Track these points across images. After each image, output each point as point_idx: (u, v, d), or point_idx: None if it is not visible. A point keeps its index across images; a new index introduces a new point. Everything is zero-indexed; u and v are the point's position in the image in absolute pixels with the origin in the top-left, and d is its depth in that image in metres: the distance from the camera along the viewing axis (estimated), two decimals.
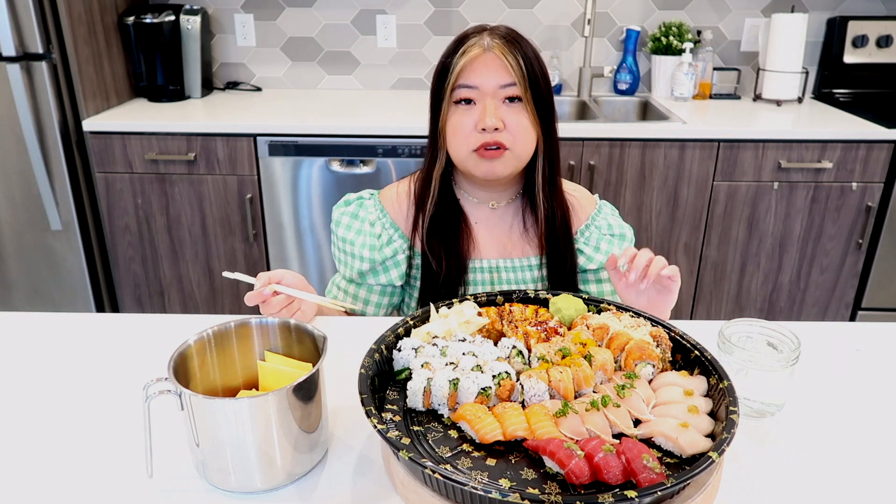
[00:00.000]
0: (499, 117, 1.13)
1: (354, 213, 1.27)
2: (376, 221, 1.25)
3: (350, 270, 1.26)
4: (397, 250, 1.24)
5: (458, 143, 1.16)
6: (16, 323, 1.18)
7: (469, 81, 1.13)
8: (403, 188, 1.28)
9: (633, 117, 2.87)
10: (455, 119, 1.16)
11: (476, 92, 1.14)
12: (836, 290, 2.54)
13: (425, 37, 2.89)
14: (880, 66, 2.79)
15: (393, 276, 1.25)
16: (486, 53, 1.13)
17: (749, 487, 0.79)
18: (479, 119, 1.13)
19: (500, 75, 1.13)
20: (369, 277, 1.26)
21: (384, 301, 1.29)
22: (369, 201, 1.28)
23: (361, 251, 1.23)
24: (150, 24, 2.54)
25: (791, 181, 2.37)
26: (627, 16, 2.85)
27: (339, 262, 1.29)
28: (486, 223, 1.27)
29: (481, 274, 1.25)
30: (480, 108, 1.14)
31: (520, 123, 1.14)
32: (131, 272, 2.56)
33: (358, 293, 1.28)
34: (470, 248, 1.24)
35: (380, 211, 1.27)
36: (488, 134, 1.13)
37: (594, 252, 1.27)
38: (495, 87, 1.13)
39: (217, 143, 2.35)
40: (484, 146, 1.14)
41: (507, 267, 1.26)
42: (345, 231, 1.26)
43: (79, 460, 0.83)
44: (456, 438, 0.80)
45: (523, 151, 1.17)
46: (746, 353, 0.89)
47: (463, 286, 1.23)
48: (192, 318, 1.18)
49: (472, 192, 1.27)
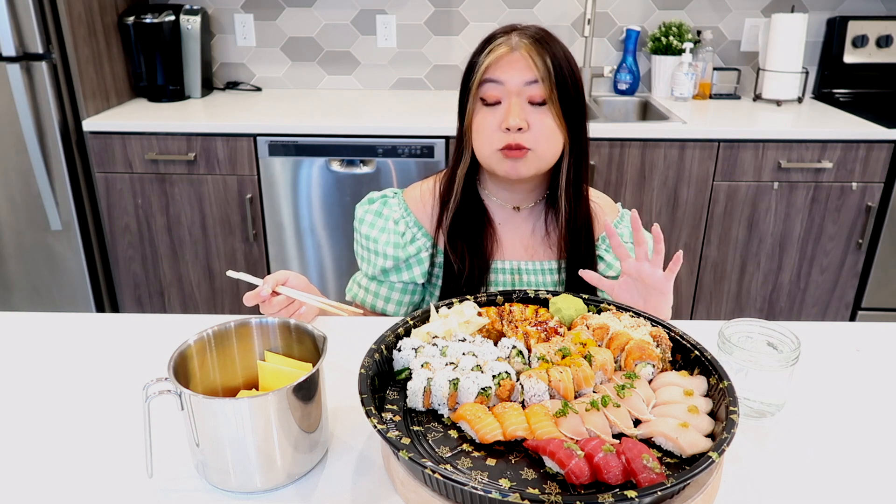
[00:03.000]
0: (522, 118, 1.13)
1: (378, 211, 1.27)
2: (400, 219, 1.26)
3: (373, 268, 1.27)
4: (420, 248, 1.25)
5: (482, 141, 1.17)
6: (16, 323, 1.18)
7: (493, 76, 1.13)
8: (427, 187, 1.29)
9: (633, 117, 2.87)
10: (480, 117, 1.16)
11: (501, 89, 1.13)
12: (836, 290, 2.54)
13: (425, 37, 2.89)
14: (880, 66, 2.79)
15: (416, 273, 1.25)
16: (512, 52, 1.13)
17: (749, 487, 0.79)
18: (504, 118, 1.13)
19: (525, 73, 1.12)
20: (392, 275, 1.26)
21: (405, 299, 1.29)
22: (393, 199, 1.29)
23: (385, 248, 1.24)
24: (150, 24, 2.54)
25: (791, 181, 2.37)
26: (627, 16, 2.85)
27: (362, 260, 1.30)
28: (510, 224, 1.27)
29: (503, 275, 1.25)
30: (505, 108, 1.14)
31: (544, 125, 1.14)
32: (131, 272, 2.56)
33: (379, 291, 1.28)
34: (493, 248, 1.24)
35: (404, 209, 1.27)
36: (512, 134, 1.13)
37: (614, 260, 1.26)
38: (520, 85, 1.13)
39: (217, 143, 2.35)
40: (507, 146, 1.14)
41: (529, 269, 1.26)
42: (368, 228, 1.26)
43: (79, 460, 0.83)
44: (456, 438, 0.80)
45: (546, 153, 1.16)
46: (746, 353, 0.89)
47: (485, 286, 1.23)
48: (192, 318, 1.18)
49: (496, 192, 1.27)
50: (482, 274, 1.22)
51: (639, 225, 1.07)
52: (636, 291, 1.10)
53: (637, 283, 1.09)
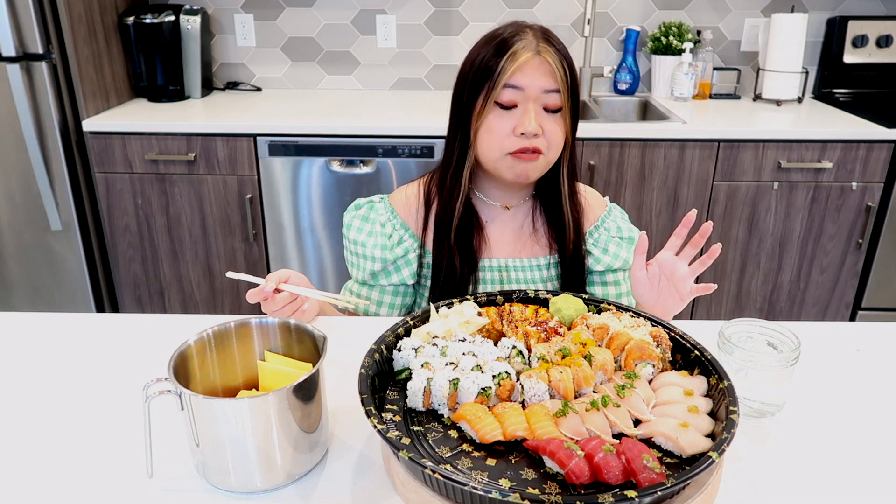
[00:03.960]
0: (539, 123, 1.13)
1: (365, 216, 1.28)
2: (387, 223, 1.27)
3: (362, 272, 1.27)
4: (408, 249, 1.25)
5: (492, 144, 1.16)
6: (16, 323, 1.18)
7: (516, 82, 1.13)
8: (413, 191, 1.29)
9: (633, 117, 2.87)
10: (492, 120, 1.15)
11: (520, 94, 1.14)
12: (836, 290, 2.54)
13: (425, 37, 2.89)
14: (880, 66, 2.78)
15: (405, 274, 1.26)
16: (535, 57, 1.13)
17: (749, 487, 0.79)
18: (520, 123, 1.13)
19: (547, 80, 1.13)
20: (381, 278, 1.26)
21: (397, 301, 1.29)
22: (379, 204, 1.30)
23: (373, 251, 1.24)
24: (150, 24, 2.54)
25: (791, 181, 2.37)
26: (627, 16, 2.85)
27: (352, 266, 1.30)
28: (497, 222, 1.28)
29: (491, 273, 1.26)
30: (521, 112, 1.14)
31: (555, 132, 1.15)
32: (131, 272, 2.55)
33: (370, 295, 1.29)
34: (482, 247, 1.25)
35: (390, 213, 1.28)
36: (528, 139, 1.13)
37: (602, 254, 1.27)
38: (539, 91, 1.13)
39: (217, 143, 2.35)
40: (522, 150, 1.14)
41: (517, 266, 1.26)
42: (356, 233, 1.27)
43: (79, 460, 0.83)
44: (456, 438, 0.80)
45: (554, 157, 1.18)
46: (746, 353, 0.89)
47: (473, 285, 1.24)
48: (192, 318, 1.18)
49: (488, 192, 1.27)
50: (471, 272, 1.23)
51: (689, 225, 1.09)
52: (654, 287, 1.10)
53: (661, 279, 1.10)
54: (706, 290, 1.07)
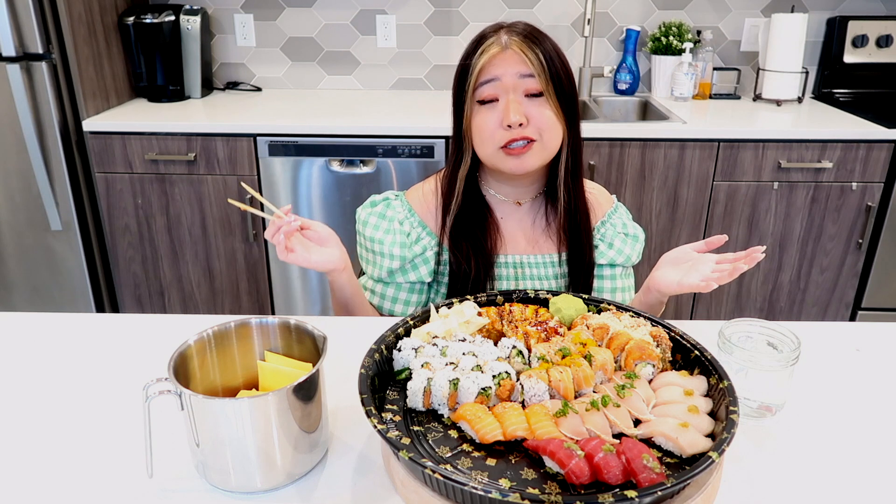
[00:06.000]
0: (521, 112, 1.13)
1: (382, 213, 1.28)
2: (405, 220, 1.27)
3: (378, 269, 1.27)
4: (426, 247, 1.26)
5: (484, 141, 1.17)
6: (16, 323, 1.18)
7: (489, 75, 1.14)
8: (430, 187, 1.30)
9: (633, 117, 2.86)
10: (479, 118, 1.17)
11: (497, 85, 1.14)
12: (836, 290, 2.54)
13: (425, 37, 2.89)
14: (880, 66, 2.78)
15: (422, 272, 1.26)
16: (504, 50, 1.14)
17: (749, 487, 0.79)
18: (503, 116, 1.13)
19: (519, 67, 1.13)
20: (398, 275, 1.26)
21: (413, 299, 1.29)
22: (396, 201, 1.30)
23: (392, 249, 1.24)
24: (150, 24, 2.54)
25: (791, 181, 2.37)
26: (627, 16, 2.85)
27: (367, 263, 1.30)
28: (512, 219, 1.28)
29: (506, 269, 1.26)
30: (503, 105, 1.14)
31: (544, 115, 1.15)
32: (131, 272, 2.55)
33: (386, 292, 1.29)
34: (497, 244, 1.26)
35: (407, 210, 1.28)
36: (514, 130, 1.14)
37: (607, 248, 1.28)
38: (515, 78, 1.13)
39: (217, 143, 2.35)
40: (510, 142, 1.14)
41: (532, 262, 1.27)
42: (373, 231, 1.26)
43: (79, 460, 0.83)
44: (456, 438, 0.80)
45: (551, 142, 1.17)
46: (746, 353, 0.89)
47: (490, 282, 1.24)
48: (192, 318, 1.18)
49: (498, 188, 1.28)
50: (487, 270, 1.23)
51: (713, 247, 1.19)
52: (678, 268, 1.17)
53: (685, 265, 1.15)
54: (752, 258, 1.09)
